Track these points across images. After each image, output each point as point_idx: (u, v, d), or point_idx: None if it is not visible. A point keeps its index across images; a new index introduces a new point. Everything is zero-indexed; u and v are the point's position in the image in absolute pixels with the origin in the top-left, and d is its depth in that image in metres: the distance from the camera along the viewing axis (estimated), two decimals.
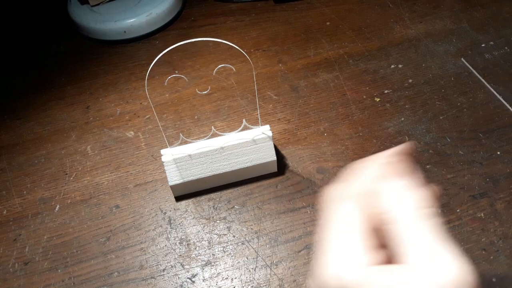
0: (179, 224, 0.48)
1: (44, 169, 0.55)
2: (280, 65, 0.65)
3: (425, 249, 0.22)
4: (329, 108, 0.58)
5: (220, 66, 0.49)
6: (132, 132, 0.58)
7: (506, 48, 0.64)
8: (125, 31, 0.70)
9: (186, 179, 0.48)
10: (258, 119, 0.51)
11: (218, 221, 0.48)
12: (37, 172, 0.54)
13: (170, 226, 0.48)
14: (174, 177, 0.48)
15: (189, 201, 0.50)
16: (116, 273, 0.45)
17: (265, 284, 0.43)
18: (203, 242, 0.47)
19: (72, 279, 0.45)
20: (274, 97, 0.61)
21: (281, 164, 0.52)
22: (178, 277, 0.44)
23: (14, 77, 0.68)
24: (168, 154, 0.48)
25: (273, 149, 0.49)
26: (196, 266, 0.45)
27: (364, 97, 0.59)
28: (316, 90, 0.61)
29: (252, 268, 0.44)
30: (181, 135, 0.48)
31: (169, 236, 0.47)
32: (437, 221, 0.23)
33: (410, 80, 0.61)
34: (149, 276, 0.44)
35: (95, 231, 0.48)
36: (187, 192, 0.50)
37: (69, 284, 0.44)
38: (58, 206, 0.51)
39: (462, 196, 0.48)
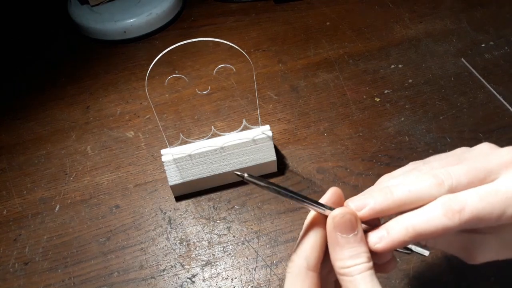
0: (179, 224, 0.48)
1: (44, 169, 0.55)
2: (280, 65, 0.65)
3: None
4: (329, 108, 0.58)
5: (220, 66, 0.49)
6: (132, 132, 0.58)
7: (506, 48, 0.64)
8: (125, 31, 0.70)
9: (186, 179, 0.48)
10: (258, 119, 0.51)
11: (218, 221, 0.48)
12: (37, 172, 0.54)
13: (170, 226, 0.48)
14: (174, 177, 0.48)
15: (189, 201, 0.50)
16: (116, 273, 0.45)
17: (265, 284, 0.43)
18: (203, 242, 0.47)
19: (72, 279, 0.45)
20: (274, 97, 0.61)
21: (281, 164, 0.52)
22: (178, 277, 0.44)
23: (14, 77, 0.68)
24: (168, 154, 0.48)
25: (273, 149, 0.49)
26: (196, 266, 0.45)
27: (364, 97, 0.59)
28: (316, 90, 0.61)
29: (252, 268, 0.44)
30: (181, 135, 0.48)
31: (169, 236, 0.47)
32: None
33: (410, 80, 0.61)
34: (149, 276, 0.44)
35: (95, 231, 0.48)
36: (187, 192, 0.50)
37: (69, 284, 0.44)
38: (58, 206, 0.51)
39: None
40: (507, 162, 0.27)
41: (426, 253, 0.29)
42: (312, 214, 0.29)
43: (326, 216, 0.28)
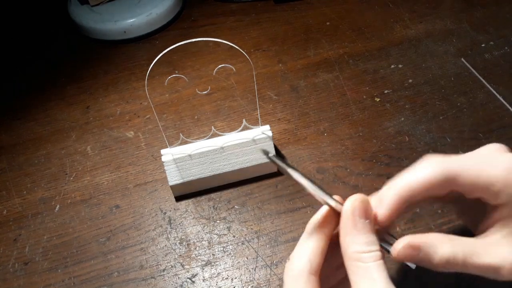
0: (179, 224, 0.48)
1: (44, 169, 0.55)
2: (280, 65, 0.65)
3: None
4: (329, 108, 0.58)
5: (220, 66, 0.49)
6: (132, 132, 0.58)
7: (506, 48, 0.64)
8: (125, 31, 0.70)
9: (186, 179, 0.48)
10: (258, 119, 0.51)
11: (218, 221, 0.48)
12: (37, 172, 0.54)
13: (170, 226, 0.48)
14: (174, 177, 0.48)
15: (189, 201, 0.50)
16: (116, 273, 0.45)
17: (265, 284, 0.43)
18: (203, 242, 0.47)
19: (72, 279, 0.45)
20: (274, 97, 0.61)
21: None
22: (178, 277, 0.44)
23: (14, 77, 0.68)
24: (168, 154, 0.48)
25: (273, 149, 0.49)
26: (196, 266, 0.45)
27: (364, 97, 0.59)
28: (316, 90, 0.61)
29: (252, 268, 0.44)
30: (181, 135, 0.48)
31: (169, 236, 0.47)
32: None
33: (410, 80, 0.61)
34: (149, 276, 0.44)
35: (95, 231, 0.48)
36: (187, 192, 0.50)
37: (69, 284, 0.44)
38: (58, 206, 0.51)
39: None
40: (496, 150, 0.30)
41: (413, 266, 0.30)
42: (316, 217, 0.29)
43: (332, 218, 0.28)
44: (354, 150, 0.53)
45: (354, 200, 0.27)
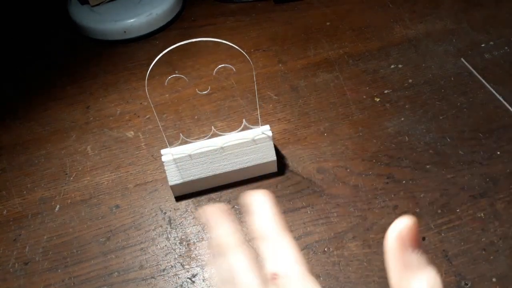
0: (179, 224, 0.48)
1: (44, 169, 0.55)
2: (280, 65, 0.65)
3: None
4: (329, 108, 0.58)
5: (220, 66, 0.49)
6: (132, 132, 0.58)
7: (506, 48, 0.64)
8: (125, 31, 0.70)
9: (186, 179, 0.48)
10: (258, 119, 0.51)
11: None
12: (37, 172, 0.54)
13: (170, 226, 0.48)
14: (174, 177, 0.48)
15: (189, 201, 0.50)
16: (116, 273, 0.45)
17: None
18: (203, 242, 0.47)
19: (72, 279, 0.45)
20: (274, 97, 0.61)
21: (281, 164, 0.52)
22: (178, 277, 0.44)
23: (14, 77, 0.68)
24: (168, 154, 0.48)
25: (273, 149, 0.49)
26: (196, 266, 0.45)
27: (364, 97, 0.59)
28: (316, 90, 0.61)
29: None
30: (181, 135, 0.48)
31: (169, 236, 0.47)
32: None
33: (410, 80, 0.61)
34: (149, 276, 0.44)
35: (95, 231, 0.48)
36: (187, 192, 0.50)
37: (69, 284, 0.44)
38: (58, 206, 0.51)
39: (462, 196, 0.48)
40: None
41: None
42: None
43: None
44: (354, 150, 0.53)
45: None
